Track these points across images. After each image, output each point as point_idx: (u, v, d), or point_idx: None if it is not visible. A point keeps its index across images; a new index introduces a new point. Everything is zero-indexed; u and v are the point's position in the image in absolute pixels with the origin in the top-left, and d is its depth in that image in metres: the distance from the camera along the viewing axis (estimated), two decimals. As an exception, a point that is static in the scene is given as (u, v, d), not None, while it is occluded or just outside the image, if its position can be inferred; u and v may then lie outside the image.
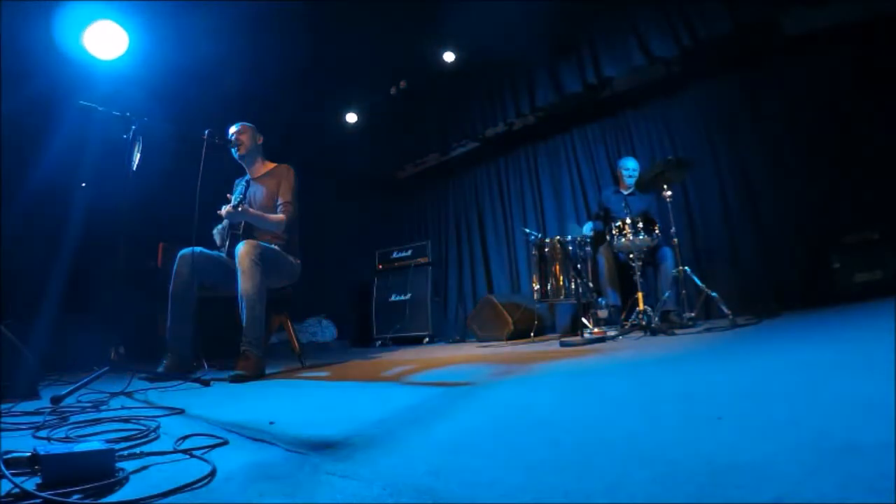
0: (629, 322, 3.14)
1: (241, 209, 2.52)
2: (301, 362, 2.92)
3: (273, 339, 3.82)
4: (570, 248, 3.43)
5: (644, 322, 2.94)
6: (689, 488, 0.54)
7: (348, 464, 0.77)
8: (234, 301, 2.38)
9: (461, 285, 5.50)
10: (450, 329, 5.22)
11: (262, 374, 2.33)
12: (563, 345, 2.70)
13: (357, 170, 5.97)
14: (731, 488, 0.53)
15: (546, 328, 4.37)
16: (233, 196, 2.62)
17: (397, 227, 6.19)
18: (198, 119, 3.10)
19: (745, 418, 0.83)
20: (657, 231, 3.13)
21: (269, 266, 2.48)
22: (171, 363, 2.37)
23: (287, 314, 2.98)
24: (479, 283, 5.34)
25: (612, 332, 3.04)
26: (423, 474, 0.68)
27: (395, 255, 5.37)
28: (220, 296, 2.73)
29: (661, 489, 0.55)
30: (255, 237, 2.60)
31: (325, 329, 5.38)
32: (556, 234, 3.81)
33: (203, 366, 2.83)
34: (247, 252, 2.37)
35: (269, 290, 2.53)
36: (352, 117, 5.45)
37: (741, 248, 3.82)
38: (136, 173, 2.17)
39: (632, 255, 3.19)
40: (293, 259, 2.77)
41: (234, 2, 3.62)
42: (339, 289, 5.88)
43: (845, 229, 3.24)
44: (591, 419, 0.96)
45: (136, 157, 2.16)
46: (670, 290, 3.21)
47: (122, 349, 3.21)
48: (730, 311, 2.76)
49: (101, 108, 2.12)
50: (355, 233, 6.13)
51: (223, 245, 2.74)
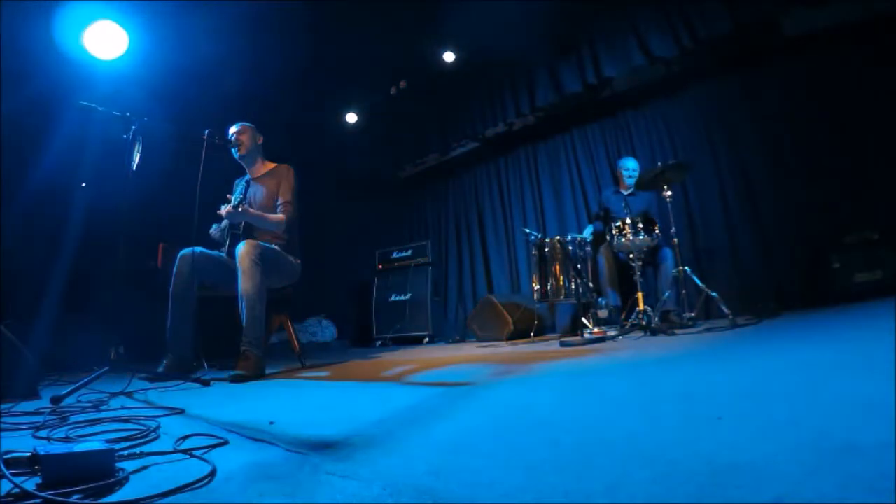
0: (629, 322, 3.14)
1: (241, 209, 2.52)
2: (301, 362, 2.92)
3: (273, 339, 3.82)
4: (570, 248, 3.43)
5: (644, 322, 2.94)
6: (689, 488, 0.54)
7: (348, 464, 0.77)
8: (234, 301, 2.38)
9: (461, 285, 5.50)
10: (450, 329, 5.22)
11: (262, 374, 2.33)
12: (563, 345, 2.70)
13: (357, 170, 5.97)
14: (731, 488, 0.52)
15: (546, 328, 4.37)
16: (233, 196, 2.62)
17: (397, 226, 6.18)
18: (198, 119, 3.09)
19: (745, 418, 0.83)
20: (657, 231, 3.13)
21: (270, 266, 2.49)
22: (171, 363, 2.38)
23: (287, 314, 2.99)
24: (479, 283, 5.33)
25: (612, 332, 3.04)
26: (423, 474, 0.68)
27: (395, 255, 5.37)
28: (220, 296, 2.73)
29: (661, 489, 0.55)
30: (256, 237, 2.60)
31: (325, 329, 5.38)
32: (556, 234, 3.81)
33: (203, 366, 2.84)
34: (247, 252, 2.37)
35: (270, 290, 2.53)
36: (352, 117, 5.45)
37: (741, 248, 3.82)
38: (136, 173, 2.17)
39: (632, 255, 3.19)
40: (293, 259, 2.77)
41: (234, 2, 3.62)
42: (339, 289, 5.88)
43: (845, 229, 3.24)
44: (591, 419, 0.96)
45: (136, 157, 2.16)
46: (670, 290, 3.21)
47: (122, 349, 3.22)
48: (730, 312, 2.76)
49: (101, 108, 2.12)
50: (355, 233, 6.13)
51: (223, 244, 2.74)
